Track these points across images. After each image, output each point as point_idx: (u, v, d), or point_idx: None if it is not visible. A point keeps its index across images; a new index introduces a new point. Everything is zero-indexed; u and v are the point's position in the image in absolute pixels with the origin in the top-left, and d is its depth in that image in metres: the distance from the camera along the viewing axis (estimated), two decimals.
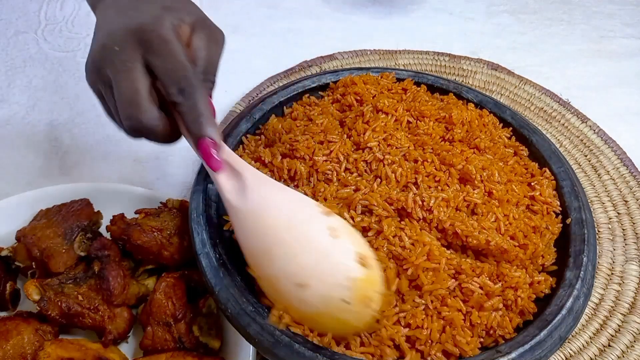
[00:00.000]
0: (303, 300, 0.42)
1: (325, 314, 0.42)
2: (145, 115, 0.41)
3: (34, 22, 0.86)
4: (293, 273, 0.42)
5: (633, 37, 0.95)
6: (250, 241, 0.43)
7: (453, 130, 0.57)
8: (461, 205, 0.50)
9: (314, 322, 0.43)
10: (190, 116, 0.42)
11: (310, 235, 0.42)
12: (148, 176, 0.67)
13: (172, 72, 0.41)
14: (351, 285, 0.42)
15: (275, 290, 0.43)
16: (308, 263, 0.42)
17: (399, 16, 0.96)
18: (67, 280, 0.50)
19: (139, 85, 0.41)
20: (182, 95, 0.41)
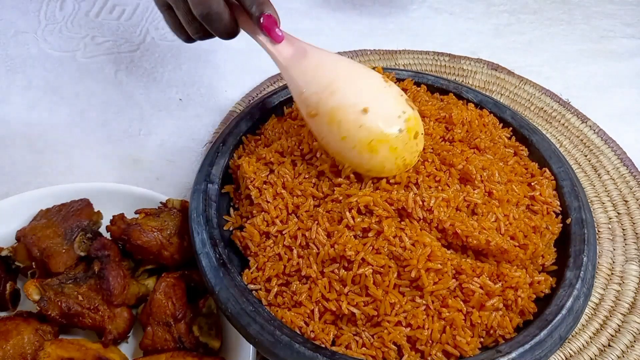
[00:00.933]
0: (363, 124, 0.48)
1: (382, 140, 0.48)
2: (214, 1, 0.49)
3: (34, 22, 0.86)
4: (357, 101, 0.48)
5: (633, 37, 0.95)
6: (312, 84, 0.49)
7: (453, 130, 0.57)
8: (461, 206, 0.50)
9: (366, 154, 0.48)
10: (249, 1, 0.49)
11: (369, 75, 0.51)
12: (148, 176, 0.67)
13: None
14: (405, 117, 0.49)
15: (334, 121, 0.48)
16: (370, 93, 0.49)
17: (399, 16, 0.96)
18: (67, 280, 0.50)
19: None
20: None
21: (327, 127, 0.49)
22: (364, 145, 0.48)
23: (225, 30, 0.51)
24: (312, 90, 0.49)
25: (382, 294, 0.46)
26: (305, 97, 0.50)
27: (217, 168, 0.55)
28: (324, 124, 0.49)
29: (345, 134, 0.48)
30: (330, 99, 0.48)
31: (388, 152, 0.48)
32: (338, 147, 0.49)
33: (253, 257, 0.50)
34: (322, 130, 0.50)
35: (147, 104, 0.76)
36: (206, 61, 0.83)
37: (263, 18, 0.50)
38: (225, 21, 0.50)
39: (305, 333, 0.45)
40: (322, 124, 0.49)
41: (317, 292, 0.46)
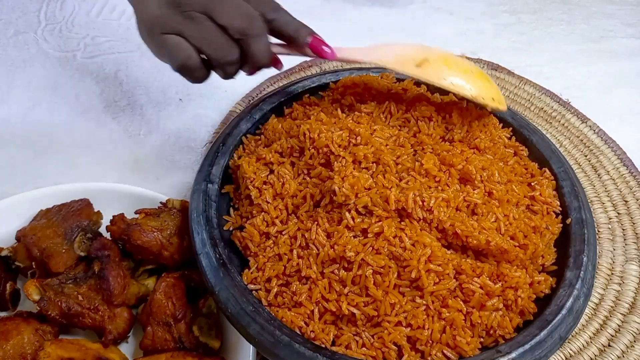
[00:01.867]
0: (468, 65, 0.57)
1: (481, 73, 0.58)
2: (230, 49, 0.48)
3: (34, 22, 0.86)
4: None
5: (633, 37, 0.95)
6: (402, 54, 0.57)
7: (453, 130, 0.57)
8: (461, 206, 0.50)
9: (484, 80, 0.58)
10: (291, 27, 0.51)
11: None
12: (148, 176, 0.67)
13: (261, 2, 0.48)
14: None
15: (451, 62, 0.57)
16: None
17: (399, 16, 0.96)
18: (67, 280, 0.50)
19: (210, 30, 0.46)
20: (276, 13, 0.49)
21: (445, 66, 0.56)
22: (481, 74, 0.57)
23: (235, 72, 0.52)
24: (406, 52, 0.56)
25: (382, 294, 0.46)
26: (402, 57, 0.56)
27: (217, 168, 0.55)
28: (442, 65, 0.56)
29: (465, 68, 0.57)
30: (433, 51, 0.57)
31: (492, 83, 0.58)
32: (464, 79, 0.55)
33: (253, 257, 0.50)
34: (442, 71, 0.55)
35: (147, 104, 0.76)
36: None
37: (311, 41, 0.52)
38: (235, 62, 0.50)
39: (305, 333, 0.45)
40: (440, 66, 0.56)
41: (317, 293, 0.46)
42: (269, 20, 0.49)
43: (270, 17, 0.49)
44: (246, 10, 0.47)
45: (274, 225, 0.50)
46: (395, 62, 0.55)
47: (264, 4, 0.49)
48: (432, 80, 0.55)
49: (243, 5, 0.47)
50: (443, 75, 0.55)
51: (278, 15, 0.49)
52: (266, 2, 0.49)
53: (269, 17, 0.49)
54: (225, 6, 0.46)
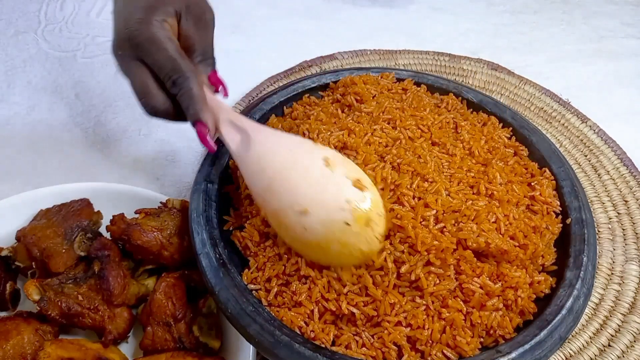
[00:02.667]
0: (306, 227, 0.44)
1: (329, 239, 0.44)
2: (155, 100, 0.48)
3: (34, 22, 0.86)
4: (294, 202, 0.45)
5: (633, 37, 0.95)
6: (256, 183, 0.47)
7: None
8: (464, 209, 0.50)
9: (320, 251, 0.45)
10: (184, 103, 0.47)
11: (307, 167, 0.46)
12: (148, 176, 0.67)
13: (163, 68, 0.47)
14: (350, 207, 0.44)
15: (280, 224, 0.46)
16: (307, 192, 0.45)
17: (398, 16, 0.96)
18: (67, 280, 0.50)
19: (144, 78, 0.48)
20: (175, 86, 0.47)
21: (277, 228, 0.47)
22: (313, 246, 0.45)
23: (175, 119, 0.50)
24: (256, 191, 0.47)
25: (381, 294, 0.46)
26: (254, 197, 0.49)
27: (217, 168, 0.55)
28: (275, 225, 0.47)
29: (293, 236, 0.46)
30: (272, 201, 0.46)
31: (340, 248, 0.45)
32: (294, 245, 0.47)
33: (253, 257, 0.50)
34: (277, 229, 0.48)
35: None
36: None
37: (196, 127, 0.48)
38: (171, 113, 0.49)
39: (305, 333, 0.45)
40: (274, 225, 0.48)
41: (317, 292, 0.46)
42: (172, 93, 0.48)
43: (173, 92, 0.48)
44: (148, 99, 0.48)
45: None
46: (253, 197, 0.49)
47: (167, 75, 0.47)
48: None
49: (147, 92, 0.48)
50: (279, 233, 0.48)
51: (177, 91, 0.47)
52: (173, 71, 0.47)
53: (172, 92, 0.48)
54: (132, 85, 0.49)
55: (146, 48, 0.46)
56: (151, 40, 0.46)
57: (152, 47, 0.46)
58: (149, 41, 0.46)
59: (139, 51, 0.47)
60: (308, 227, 0.44)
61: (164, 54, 0.46)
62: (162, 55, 0.46)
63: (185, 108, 0.47)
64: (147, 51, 0.46)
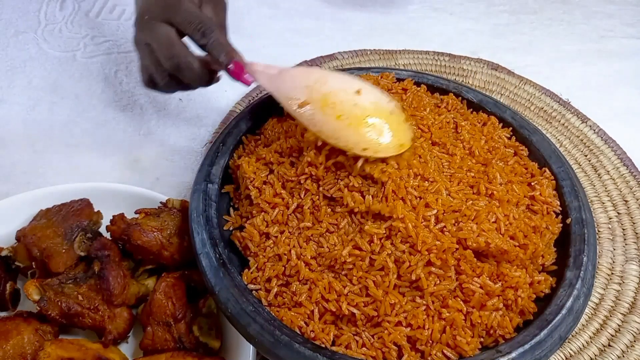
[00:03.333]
0: (358, 103, 0.51)
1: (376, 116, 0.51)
2: (182, 52, 0.53)
3: (34, 22, 0.86)
4: (348, 85, 0.53)
5: (633, 37, 0.95)
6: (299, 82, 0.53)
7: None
8: (464, 209, 0.50)
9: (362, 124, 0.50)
10: (216, 50, 0.53)
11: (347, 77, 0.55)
12: (148, 176, 0.67)
13: (192, 22, 0.52)
14: (394, 105, 0.53)
15: (327, 103, 0.51)
16: (356, 81, 0.54)
17: (399, 16, 0.96)
18: (67, 280, 0.50)
19: (171, 34, 0.53)
20: (205, 37, 0.53)
21: (321, 111, 0.51)
22: (360, 120, 0.50)
23: (198, 79, 0.55)
24: (302, 85, 0.53)
25: (382, 294, 0.46)
26: (295, 92, 0.53)
27: (217, 168, 0.55)
28: (317, 109, 0.51)
29: (340, 113, 0.50)
30: (322, 87, 0.52)
31: (383, 125, 0.50)
32: (333, 127, 0.50)
33: (253, 257, 0.50)
34: (315, 116, 0.51)
35: (147, 104, 0.76)
36: None
37: (232, 65, 0.54)
38: (196, 69, 0.54)
39: (305, 333, 0.45)
40: (315, 110, 0.51)
41: (317, 293, 0.46)
42: (201, 45, 0.54)
43: (202, 43, 0.53)
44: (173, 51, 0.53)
45: (274, 225, 0.50)
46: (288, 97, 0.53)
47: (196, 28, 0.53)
48: (306, 124, 0.51)
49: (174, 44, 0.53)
50: (314, 121, 0.51)
51: (207, 40, 0.53)
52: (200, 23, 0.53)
53: (201, 43, 0.53)
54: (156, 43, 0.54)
55: (177, 8, 0.52)
56: (185, 9, 0.53)
57: (181, 6, 0.53)
58: (183, 10, 0.53)
59: (168, 11, 0.53)
60: (359, 103, 0.51)
61: (193, 12, 0.53)
62: (191, 13, 0.53)
63: (218, 53, 0.53)
64: (176, 10, 0.52)
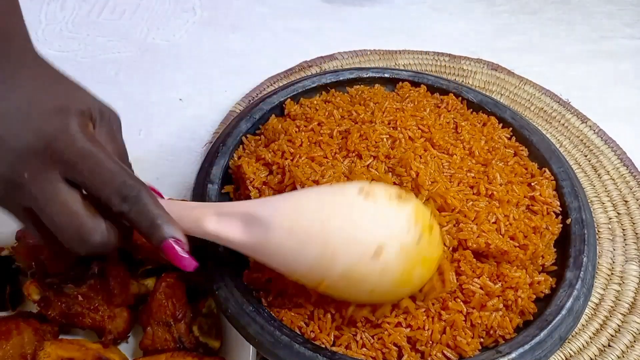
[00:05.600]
0: (384, 267, 0.39)
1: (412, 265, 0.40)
2: (96, 234, 0.37)
3: (34, 22, 0.86)
4: (364, 249, 0.39)
5: (633, 37, 0.95)
6: (299, 258, 0.40)
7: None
8: (464, 209, 0.50)
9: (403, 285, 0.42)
10: (144, 223, 0.38)
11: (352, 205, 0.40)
12: (148, 176, 0.67)
13: (108, 185, 0.36)
14: (411, 224, 0.40)
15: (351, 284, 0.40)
16: (369, 231, 0.39)
17: (398, 16, 0.96)
18: (67, 280, 0.50)
19: (73, 206, 0.36)
20: (127, 203, 0.37)
21: (347, 289, 0.41)
22: (397, 283, 0.41)
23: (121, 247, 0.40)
24: (305, 266, 0.40)
25: None
26: (301, 275, 0.41)
27: (217, 168, 0.55)
28: (342, 288, 0.41)
29: (371, 288, 0.41)
30: (335, 266, 0.39)
31: (422, 267, 0.41)
32: (369, 298, 0.43)
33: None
34: (342, 292, 0.42)
35: (147, 104, 0.76)
36: (206, 61, 0.83)
37: (163, 248, 0.38)
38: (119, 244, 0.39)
39: (306, 333, 0.45)
40: (339, 289, 0.41)
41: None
42: (115, 211, 0.37)
43: (118, 209, 0.37)
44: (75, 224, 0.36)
45: None
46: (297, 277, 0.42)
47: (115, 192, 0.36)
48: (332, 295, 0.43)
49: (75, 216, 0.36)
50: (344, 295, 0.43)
51: (129, 208, 0.37)
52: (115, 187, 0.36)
53: (117, 209, 0.37)
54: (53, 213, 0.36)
55: (80, 165, 0.36)
56: (84, 155, 0.36)
57: (89, 162, 0.36)
58: (81, 156, 0.36)
59: (67, 169, 0.36)
60: (386, 265, 0.39)
61: (106, 168, 0.36)
62: (104, 170, 0.36)
63: (147, 228, 0.38)
64: (81, 169, 0.36)
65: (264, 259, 0.41)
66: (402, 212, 0.40)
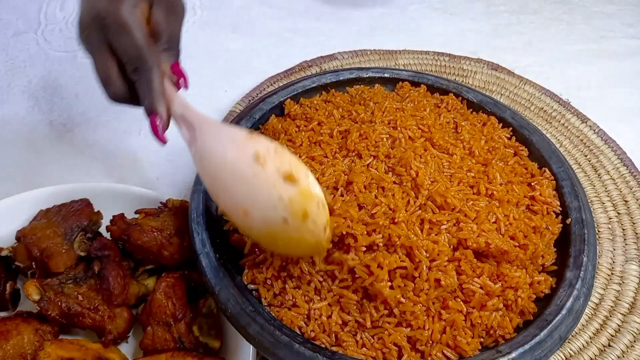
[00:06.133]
0: (250, 226, 0.44)
1: (274, 235, 0.44)
2: (115, 87, 0.47)
3: (34, 22, 0.86)
4: (234, 204, 0.44)
5: (633, 37, 0.95)
6: (204, 179, 0.46)
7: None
8: (464, 209, 0.50)
9: (271, 244, 0.46)
10: (142, 93, 0.46)
11: (236, 165, 0.44)
12: (148, 176, 0.67)
13: (128, 53, 0.45)
14: (284, 204, 0.42)
15: (232, 222, 0.49)
16: (242, 192, 0.43)
17: (398, 16, 0.96)
18: (67, 280, 0.50)
19: (107, 63, 0.46)
20: (136, 74, 0.45)
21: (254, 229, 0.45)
22: (263, 242, 0.46)
23: (135, 105, 0.48)
24: (207, 188, 0.46)
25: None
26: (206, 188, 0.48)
27: None
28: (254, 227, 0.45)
29: (247, 233, 0.48)
30: (217, 201, 0.46)
31: (287, 242, 0.44)
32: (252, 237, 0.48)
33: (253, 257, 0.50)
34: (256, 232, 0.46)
35: None
36: (206, 61, 0.83)
37: (149, 117, 0.47)
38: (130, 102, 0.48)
39: (306, 333, 0.45)
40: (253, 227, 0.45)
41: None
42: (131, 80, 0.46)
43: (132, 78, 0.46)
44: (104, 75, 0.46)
45: None
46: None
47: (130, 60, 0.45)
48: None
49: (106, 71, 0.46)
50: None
51: (137, 77, 0.46)
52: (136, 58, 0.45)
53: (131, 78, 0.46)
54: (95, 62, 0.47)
55: (114, 31, 0.45)
56: (120, 24, 0.45)
57: (121, 30, 0.45)
58: (117, 24, 0.45)
59: (107, 33, 0.45)
60: (253, 227, 0.44)
61: (131, 41, 0.45)
62: (129, 41, 0.45)
63: (142, 98, 0.46)
64: (115, 34, 0.45)
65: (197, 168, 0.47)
66: (279, 189, 0.43)
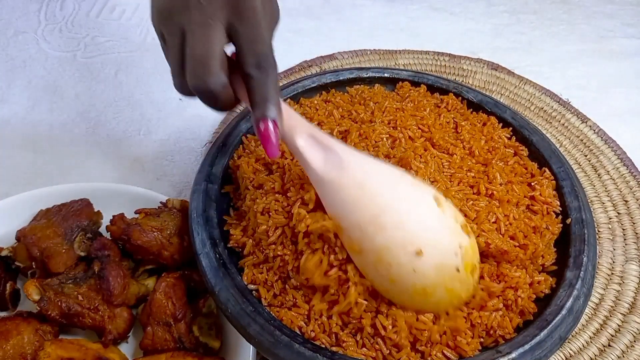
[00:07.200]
0: (416, 269, 0.40)
1: (437, 284, 0.41)
2: (214, 79, 0.38)
3: (34, 22, 0.86)
4: (408, 241, 0.40)
5: (633, 37, 0.95)
6: (356, 211, 0.40)
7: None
8: (464, 208, 0.50)
9: (421, 296, 0.42)
10: (259, 94, 0.40)
11: (419, 203, 0.41)
12: (148, 176, 0.67)
13: (254, 44, 0.39)
14: (461, 252, 0.41)
15: (381, 261, 0.41)
16: (422, 231, 0.40)
17: (398, 15, 0.96)
18: (67, 280, 0.50)
19: (215, 45, 0.38)
20: (259, 70, 0.39)
21: (373, 266, 0.41)
22: (417, 290, 0.41)
23: (218, 108, 0.42)
24: (355, 221, 0.41)
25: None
26: (346, 227, 0.42)
27: (217, 168, 0.55)
28: (370, 263, 0.42)
29: (396, 278, 0.41)
30: (377, 236, 0.40)
31: (444, 294, 0.42)
32: (386, 287, 0.43)
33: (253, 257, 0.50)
34: (368, 268, 0.42)
35: (147, 104, 0.76)
36: None
37: (260, 122, 0.40)
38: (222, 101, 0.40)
39: (306, 333, 0.45)
40: (367, 263, 0.42)
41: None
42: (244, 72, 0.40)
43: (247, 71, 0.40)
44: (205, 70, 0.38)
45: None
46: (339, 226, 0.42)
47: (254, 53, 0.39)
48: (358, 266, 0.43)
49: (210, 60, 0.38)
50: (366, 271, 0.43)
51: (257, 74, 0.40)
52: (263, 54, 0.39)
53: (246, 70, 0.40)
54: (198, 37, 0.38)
55: (246, 13, 0.38)
56: (254, 8, 0.38)
57: (254, 16, 0.38)
58: (252, 8, 0.38)
59: (236, 12, 0.38)
60: (419, 269, 0.40)
61: (261, 31, 0.39)
62: (259, 31, 0.39)
63: (260, 100, 0.39)
64: (245, 17, 0.38)
65: (324, 195, 0.42)
66: (459, 237, 0.41)
